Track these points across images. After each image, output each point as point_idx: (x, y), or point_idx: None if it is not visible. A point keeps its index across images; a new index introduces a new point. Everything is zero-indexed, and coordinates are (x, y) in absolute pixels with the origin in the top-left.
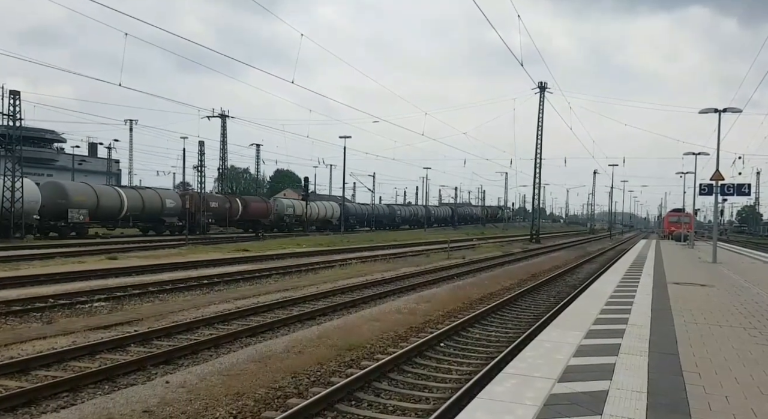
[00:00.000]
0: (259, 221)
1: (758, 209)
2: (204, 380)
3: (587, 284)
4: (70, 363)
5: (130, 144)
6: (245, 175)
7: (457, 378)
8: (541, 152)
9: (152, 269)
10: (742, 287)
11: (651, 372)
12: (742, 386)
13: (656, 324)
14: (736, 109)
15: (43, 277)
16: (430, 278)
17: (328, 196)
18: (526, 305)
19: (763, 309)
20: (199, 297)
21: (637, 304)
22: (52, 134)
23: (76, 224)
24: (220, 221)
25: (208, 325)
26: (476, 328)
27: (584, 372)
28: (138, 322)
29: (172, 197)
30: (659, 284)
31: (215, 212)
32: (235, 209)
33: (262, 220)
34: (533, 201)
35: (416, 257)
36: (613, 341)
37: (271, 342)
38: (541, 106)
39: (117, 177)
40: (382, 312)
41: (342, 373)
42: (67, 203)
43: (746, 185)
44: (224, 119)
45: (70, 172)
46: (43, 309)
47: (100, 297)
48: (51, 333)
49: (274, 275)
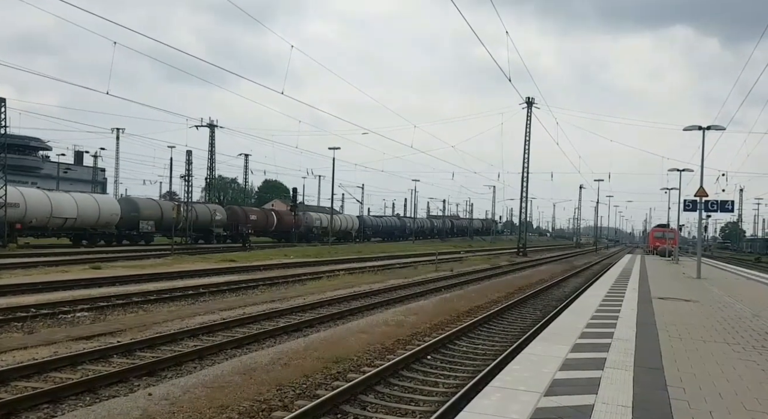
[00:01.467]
0: (291, 232)
1: (741, 226)
2: (188, 392)
3: (573, 298)
4: (51, 374)
5: (116, 153)
6: (233, 185)
7: (443, 392)
8: (528, 166)
9: (137, 279)
10: (726, 302)
11: (636, 387)
12: (727, 401)
13: (641, 338)
14: (719, 127)
15: (25, 286)
16: (417, 290)
17: (316, 207)
18: (513, 318)
19: (746, 325)
20: (184, 308)
21: (623, 319)
22: (37, 141)
23: (145, 234)
24: (258, 232)
25: (193, 336)
26: (463, 341)
27: (570, 386)
28: (121, 333)
29: (220, 210)
30: (644, 299)
31: (255, 224)
32: (271, 221)
33: (289, 229)
34: (520, 215)
35: (404, 269)
36: (599, 355)
37: (257, 353)
38: (528, 121)
39: (102, 186)
40: (370, 324)
41: (328, 386)
42: (138, 216)
43: (730, 201)
44: (213, 128)
45: (54, 180)
46: (25, 319)
47: (83, 307)
48: (32, 343)
49: (260, 286)
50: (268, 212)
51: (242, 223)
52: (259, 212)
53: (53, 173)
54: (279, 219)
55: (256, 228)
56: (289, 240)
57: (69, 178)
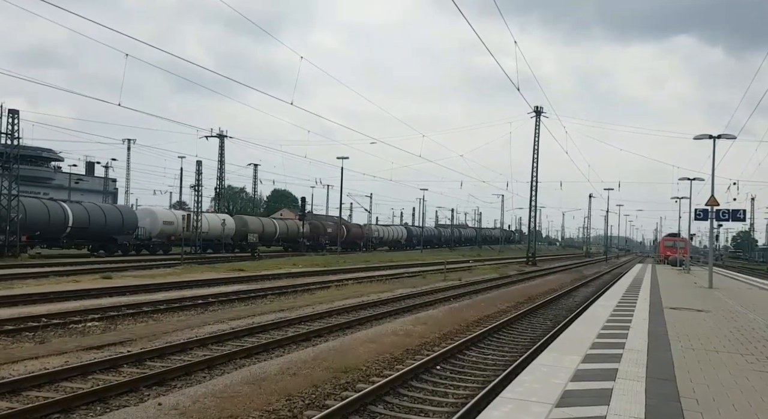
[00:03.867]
0: (357, 241)
1: (753, 235)
2: (197, 402)
3: (584, 308)
4: (62, 384)
5: (127, 163)
6: (242, 194)
7: (453, 402)
8: (537, 175)
9: (147, 288)
10: (739, 312)
11: (648, 398)
12: (740, 413)
13: (653, 349)
14: (730, 135)
15: (37, 296)
16: (426, 299)
17: (325, 216)
18: (523, 328)
19: (759, 335)
20: (193, 317)
21: (634, 329)
22: (49, 152)
23: (250, 244)
24: (332, 243)
25: (202, 346)
26: (473, 351)
27: (582, 397)
28: (131, 342)
29: (305, 225)
30: (656, 308)
31: (330, 236)
32: (342, 233)
33: (358, 241)
34: (529, 224)
35: (412, 279)
36: (611, 366)
37: (266, 363)
38: (537, 130)
39: (114, 196)
40: (378, 334)
41: (337, 396)
42: (246, 230)
43: (741, 210)
44: (222, 138)
45: (66, 191)
46: (36, 329)
47: (94, 317)
48: (43, 353)
49: (269, 296)
50: (341, 225)
51: (321, 235)
52: (333, 226)
53: (65, 184)
54: (348, 231)
55: (331, 239)
56: (355, 250)
57: (80, 188)
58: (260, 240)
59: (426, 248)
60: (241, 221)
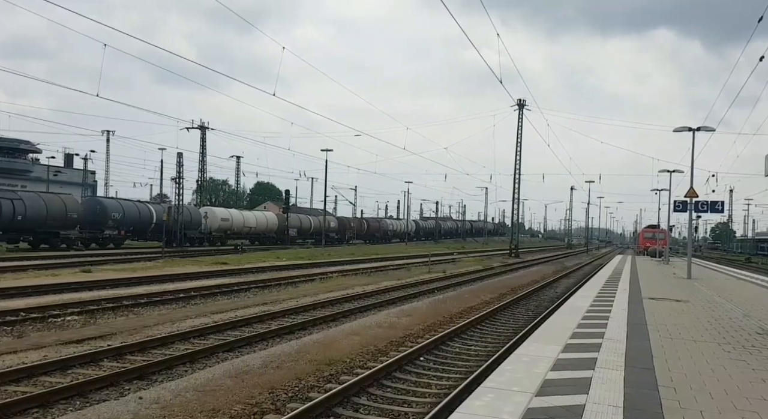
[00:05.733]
0: (374, 235)
1: (731, 227)
2: (179, 396)
3: (565, 299)
4: (41, 378)
5: (106, 155)
6: (224, 187)
7: (436, 393)
8: (520, 167)
9: (127, 282)
10: (717, 302)
11: (627, 387)
12: (717, 401)
13: (632, 338)
14: (709, 128)
15: (14, 290)
16: (410, 292)
17: (308, 209)
18: (505, 319)
19: (736, 325)
20: (174, 311)
21: (614, 319)
22: (27, 144)
23: (292, 237)
24: (358, 236)
25: (184, 340)
26: (456, 342)
27: (562, 386)
28: (111, 336)
29: (332, 220)
30: (635, 299)
31: (353, 230)
32: (363, 227)
33: (375, 234)
34: (512, 216)
35: (397, 271)
36: (590, 355)
37: (249, 356)
38: (519, 122)
39: (93, 188)
40: (363, 326)
41: (321, 388)
42: (287, 225)
43: (720, 202)
44: (204, 130)
45: (44, 183)
46: (14, 323)
47: (73, 311)
48: (22, 347)
49: (253, 289)
50: (362, 220)
51: (347, 229)
52: (356, 221)
53: (43, 176)
54: (368, 226)
55: (357, 232)
56: (373, 242)
57: (59, 181)
58: (298, 233)
59: (411, 241)
60: (282, 218)
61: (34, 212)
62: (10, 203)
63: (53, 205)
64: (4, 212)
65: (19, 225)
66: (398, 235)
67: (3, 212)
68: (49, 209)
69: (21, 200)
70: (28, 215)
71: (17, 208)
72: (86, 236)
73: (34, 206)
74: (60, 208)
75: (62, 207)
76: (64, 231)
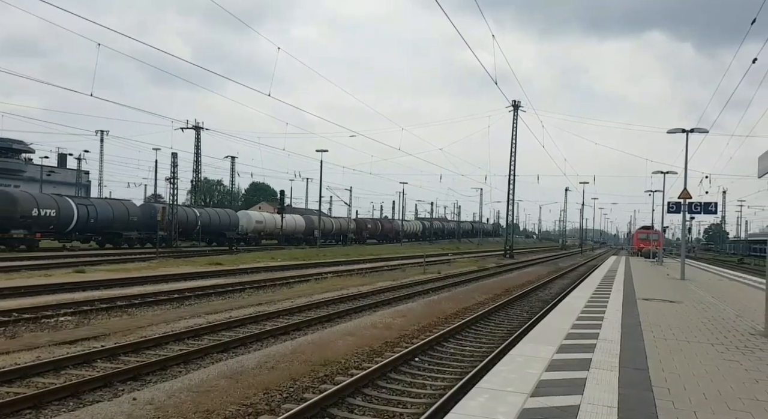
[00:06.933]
0: (388, 235)
1: (724, 228)
2: (172, 396)
3: (559, 300)
4: (34, 379)
5: (100, 155)
6: (219, 187)
7: (431, 393)
8: (514, 168)
9: (121, 282)
10: (710, 303)
11: (621, 387)
12: (710, 401)
13: (626, 339)
14: (702, 129)
15: (7, 290)
16: (405, 292)
17: (304, 209)
18: (500, 319)
19: (730, 326)
20: (169, 312)
21: (608, 319)
22: (20, 144)
23: (315, 237)
24: (371, 236)
25: (178, 340)
26: (451, 343)
27: (556, 387)
28: (105, 337)
29: (352, 222)
30: (629, 300)
31: (370, 230)
32: (378, 227)
33: (389, 234)
34: (507, 217)
35: (392, 272)
36: (585, 355)
37: (243, 357)
38: (514, 123)
39: (86, 188)
40: (358, 327)
41: (315, 389)
42: (313, 227)
43: (713, 203)
44: (198, 130)
45: (38, 183)
46: (7, 323)
47: (67, 311)
48: (14, 348)
49: (247, 290)
50: (377, 221)
51: (364, 229)
52: (372, 222)
53: (36, 176)
54: (383, 226)
55: (371, 233)
56: (389, 241)
57: (52, 181)
58: (322, 234)
59: (407, 241)
60: (309, 220)
61: (103, 215)
62: (85, 208)
63: (118, 210)
64: (80, 215)
65: (92, 227)
66: (408, 235)
67: (80, 216)
68: (114, 214)
69: (93, 206)
70: (98, 218)
71: (90, 212)
72: (143, 237)
73: (103, 210)
74: (123, 212)
75: (125, 212)
76: (126, 232)
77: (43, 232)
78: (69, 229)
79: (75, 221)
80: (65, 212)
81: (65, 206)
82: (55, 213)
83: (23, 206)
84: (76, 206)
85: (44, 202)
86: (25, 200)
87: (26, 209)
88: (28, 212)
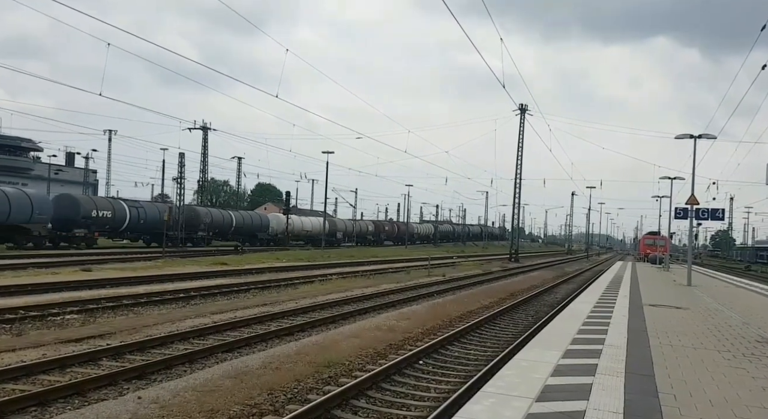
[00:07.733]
0: (402, 237)
1: (731, 234)
2: (177, 396)
3: (565, 304)
4: (40, 377)
5: (108, 154)
6: (225, 188)
7: (435, 397)
8: (521, 172)
9: (127, 281)
10: (716, 310)
11: (627, 393)
12: (717, 408)
13: (632, 345)
14: (710, 135)
15: (14, 288)
16: (410, 295)
17: (309, 211)
18: (505, 323)
19: (736, 332)
20: (174, 311)
21: (614, 325)
22: (29, 142)
23: (338, 239)
24: (387, 238)
25: (183, 340)
26: (455, 346)
27: (562, 392)
28: (111, 336)
29: (370, 224)
30: (635, 305)
31: (387, 232)
32: (394, 229)
33: (403, 236)
34: (512, 221)
35: (396, 274)
36: (591, 361)
37: (248, 357)
38: (521, 127)
39: (94, 187)
40: (362, 329)
41: (319, 390)
42: (335, 229)
43: (720, 209)
44: (206, 131)
45: (45, 181)
46: (13, 321)
47: (73, 310)
48: (20, 345)
49: (252, 290)
50: (393, 223)
51: (382, 232)
52: (389, 224)
53: (44, 174)
54: (399, 229)
55: (388, 235)
56: (403, 242)
57: (60, 179)
58: (344, 236)
59: (411, 244)
60: (332, 222)
61: (151, 217)
62: (136, 210)
63: (163, 212)
64: (132, 216)
65: (142, 227)
66: (421, 238)
67: (131, 217)
68: (161, 215)
69: (143, 208)
70: (147, 219)
71: (140, 214)
72: (184, 237)
73: (150, 212)
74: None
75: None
76: (170, 232)
77: (100, 231)
78: (122, 228)
79: (127, 221)
80: (119, 214)
81: (119, 208)
82: (111, 214)
83: (85, 208)
84: (128, 208)
85: (102, 204)
86: (86, 203)
87: (87, 211)
88: (88, 214)
